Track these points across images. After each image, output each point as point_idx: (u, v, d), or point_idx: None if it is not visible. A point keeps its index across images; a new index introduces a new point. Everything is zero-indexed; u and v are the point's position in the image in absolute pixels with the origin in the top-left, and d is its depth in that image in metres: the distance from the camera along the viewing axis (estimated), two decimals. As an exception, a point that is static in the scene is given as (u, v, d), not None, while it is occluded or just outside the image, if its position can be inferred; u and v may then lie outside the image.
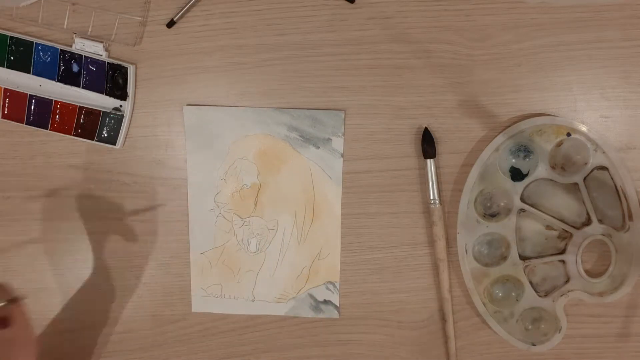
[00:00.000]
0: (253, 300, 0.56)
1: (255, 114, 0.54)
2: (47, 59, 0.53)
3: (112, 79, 0.53)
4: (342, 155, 0.54)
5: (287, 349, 0.58)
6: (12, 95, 0.54)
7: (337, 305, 0.56)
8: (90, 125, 0.54)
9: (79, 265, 0.57)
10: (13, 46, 0.53)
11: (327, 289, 0.56)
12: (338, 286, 0.56)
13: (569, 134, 0.53)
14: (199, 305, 0.57)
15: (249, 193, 0.55)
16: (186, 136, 0.54)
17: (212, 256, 0.56)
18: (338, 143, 0.54)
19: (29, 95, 0.53)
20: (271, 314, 0.57)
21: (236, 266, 0.56)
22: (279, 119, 0.53)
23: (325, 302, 0.56)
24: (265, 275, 0.56)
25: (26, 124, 0.54)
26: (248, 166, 0.54)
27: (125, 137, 0.55)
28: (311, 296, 0.56)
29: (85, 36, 0.53)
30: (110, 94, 0.53)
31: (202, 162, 0.54)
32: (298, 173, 0.54)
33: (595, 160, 0.52)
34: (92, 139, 0.54)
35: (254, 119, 0.54)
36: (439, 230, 0.54)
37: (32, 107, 0.54)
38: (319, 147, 0.54)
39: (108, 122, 0.54)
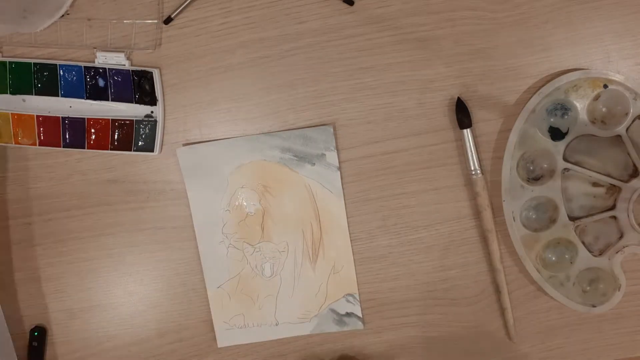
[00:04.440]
0: (277, 324, 0.56)
1: (247, 142, 0.54)
2: (72, 78, 0.53)
3: (138, 86, 0.53)
4: (339, 169, 0.54)
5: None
6: (45, 121, 0.54)
7: (360, 316, 0.56)
8: (125, 136, 0.54)
9: (126, 280, 0.57)
10: (38, 72, 0.53)
11: (348, 301, 0.56)
12: (358, 297, 0.55)
13: (605, 86, 0.51)
14: (224, 339, 0.56)
15: (254, 219, 0.55)
16: (184, 176, 0.54)
17: (229, 288, 0.55)
18: (332, 157, 0.54)
19: (61, 118, 0.54)
20: (297, 335, 0.56)
21: (255, 293, 0.56)
22: (270, 142, 0.54)
23: (348, 314, 0.56)
24: (285, 297, 0.55)
25: (63, 147, 0.54)
26: (249, 194, 0.54)
27: (162, 143, 0.55)
28: (333, 311, 0.56)
29: (105, 49, 0.53)
30: (139, 101, 0.53)
31: (203, 198, 0.55)
32: (299, 192, 0.54)
33: (636, 109, 0.51)
34: (130, 150, 0.54)
35: (247, 147, 0.54)
36: (483, 201, 0.53)
37: (66, 129, 0.54)
38: (314, 164, 0.54)
39: (142, 130, 0.54)
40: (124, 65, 0.53)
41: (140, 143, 0.54)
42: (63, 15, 0.53)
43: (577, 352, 0.57)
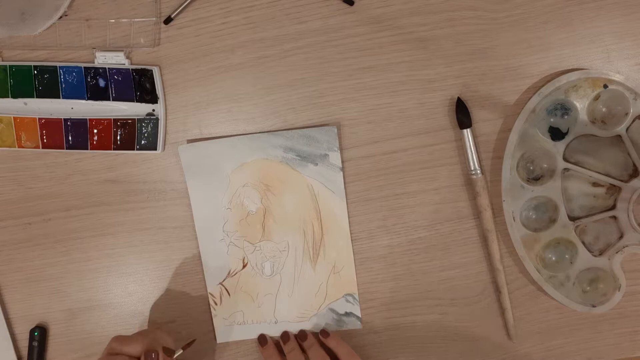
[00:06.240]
0: (276, 322, 0.56)
1: (250, 140, 0.54)
2: (73, 80, 0.53)
3: (139, 84, 0.53)
4: (342, 169, 0.54)
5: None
6: (48, 124, 0.54)
7: (359, 315, 0.56)
8: (127, 136, 0.54)
9: (126, 280, 0.57)
10: (39, 75, 0.53)
11: (347, 301, 0.56)
12: (357, 297, 0.56)
13: (605, 86, 0.51)
14: (222, 335, 0.56)
15: (256, 218, 0.55)
16: (185, 174, 0.54)
17: (229, 285, 0.56)
18: (335, 157, 0.54)
19: (64, 120, 0.54)
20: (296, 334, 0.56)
21: (254, 291, 0.56)
22: (273, 142, 0.54)
23: (347, 314, 0.56)
24: (284, 296, 0.56)
25: (67, 149, 0.54)
26: (250, 192, 0.54)
27: (165, 141, 0.55)
28: (332, 310, 0.56)
29: (105, 49, 0.53)
30: (140, 100, 0.53)
31: (204, 196, 0.55)
32: (300, 192, 0.54)
33: (636, 109, 0.51)
34: (133, 149, 0.54)
35: (249, 146, 0.54)
36: (483, 201, 0.53)
37: (69, 131, 0.54)
38: (317, 164, 0.54)
39: (145, 129, 0.54)
40: (124, 64, 0.53)
41: (143, 142, 0.54)
42: (61, 17, 0.53)
43: (577, 352, 0.57)
